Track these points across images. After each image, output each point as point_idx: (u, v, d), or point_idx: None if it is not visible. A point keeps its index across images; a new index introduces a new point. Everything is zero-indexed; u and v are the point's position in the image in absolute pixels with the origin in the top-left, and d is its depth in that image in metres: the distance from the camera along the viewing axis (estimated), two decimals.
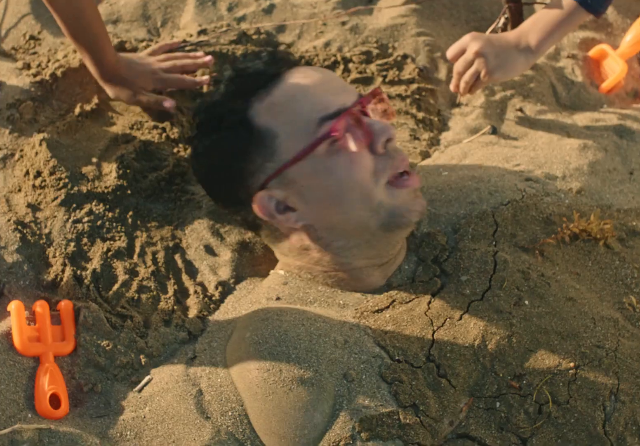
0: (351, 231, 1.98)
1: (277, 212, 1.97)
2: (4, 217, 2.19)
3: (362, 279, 2.04)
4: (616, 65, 2.71)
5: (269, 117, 1.94)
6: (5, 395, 1.90)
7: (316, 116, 1.91)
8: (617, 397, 1.86)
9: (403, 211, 1.95)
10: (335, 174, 1.92)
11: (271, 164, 1.94)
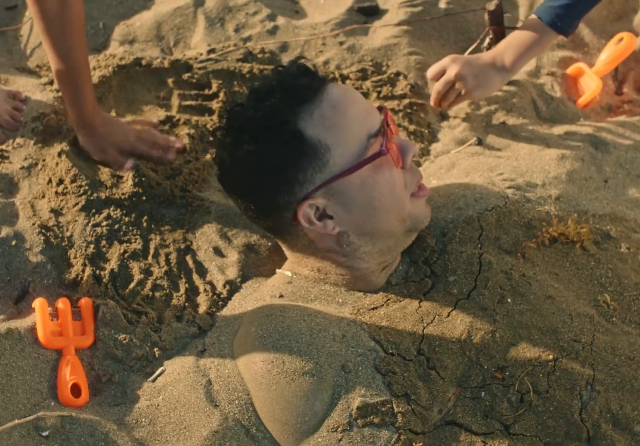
0: (380, 237, 1.99)
1: (316, 219, 1.94)
2: (29, 221, 2.20)
3: (370, 280, 2.04)
4: (592, 82, 2.71)
5: (321, 131, 1.89)
6: (30, 385, 1.91)
7: (365, 133, 1.90)
8: (593, 387, 1.86)
9: (421, 218, 2.01)
10: (378, 188, 1.92)
11: (320, 175, 1.90)
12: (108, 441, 1.84)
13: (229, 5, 2.84)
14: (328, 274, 2.05)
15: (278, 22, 2.82)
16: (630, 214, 2.32)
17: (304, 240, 2.01)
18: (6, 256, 2.12)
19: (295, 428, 1.83)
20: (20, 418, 1.83)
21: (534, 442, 1.81)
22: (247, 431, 1.86)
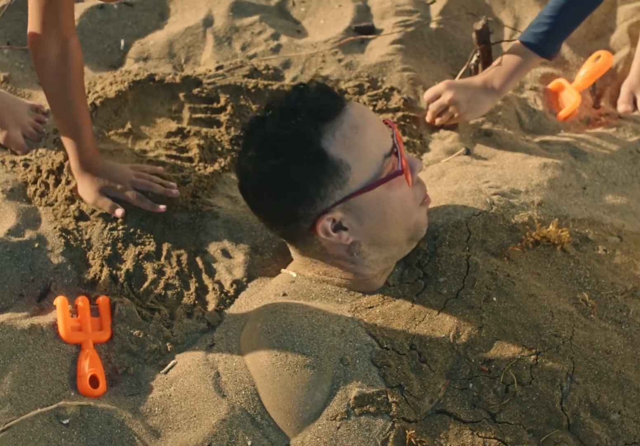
0: (387, 246, 2.00)
1: (332, 230, 1.94)
2: (50, 225, 2.20)
3: (372, 283, 2.04)
4: (572, 96, 2.71)
5: (342, 150, 1.87)
6: (51, 376, 1.92)
7: (381, 153, 1.90)
8: (573, 379, 1.86)
9: (422, 226, 2.01)
10: (391, 204, 1.92)
11: (340, 192, 1.89)
12: (124, 428, 1.85)
13: (235, 26, 2.84)
14: (333, 277, 2.05)
15: (281, 40, 2.82)
16: (607, 218, 2.32)
17: (317, 247, 2.01)
18: (29, 257, 2.13)
19: (297, 417, 1.84)
20: (42, 407, 1.84)
21: (518, 430, 1.81)
22: (253, 420, 1.86)
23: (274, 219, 2.02)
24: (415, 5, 2.94)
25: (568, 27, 2.51)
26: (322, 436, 1.80)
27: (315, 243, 1.99)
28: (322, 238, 1.95)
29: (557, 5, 2.47)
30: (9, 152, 2.40)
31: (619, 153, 2.57)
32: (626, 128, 2.66)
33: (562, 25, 2.48)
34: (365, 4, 2.96)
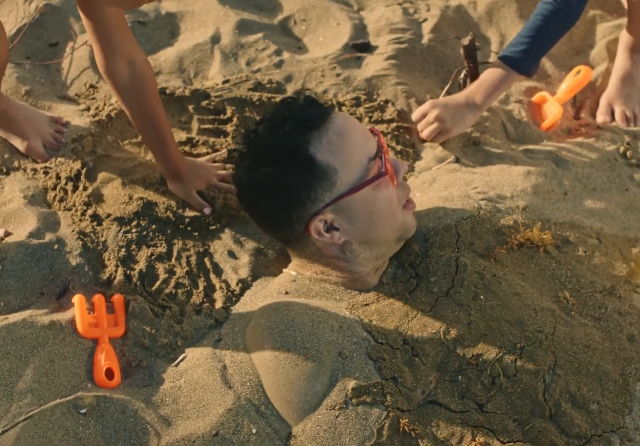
0: (377, 244, 2.00)
1: (325, 231, 1.95)
2: (69, 228, 2.20)
3: (366, 281, 2.04)
4: (554, 108, 2.71)
5: (329, 155, 1.89)
6: (70, 369, 1.92)
7: (365, 156, 1.91)
8: (554, 371, 1.87)
9: (409, 227, 2.02)
10: (378, 204, 1.93)
11: (329, 194, 1.91)
12: (137, 417, 1.85)
13: (241, 43, 2.84)
14: (329, 276, 2.05)
15: (283, 56, 2.82)
16: (587, 222, 2.32)
17: (312, 248, 2.01)
18: (49, 258, 2.13)
19: (298, 406, 1.84)
20: (61, 398, 1.84)
21: (503, 419, 1.82)
22: (257, 409, 1.86)
23: (270, 224, 2.03)
24: (408, 23, 2.94)
25: (544, 47, 2.52)
26: (322, 425, 1.80)
27: (311, 244, 2.00)
28: (316, 238, 1.96)
29: (534, 26, 2.48)
30: (30, 160, 2.40)
31: (598, 161, 2.56)
32: (604, 138, 2.66)
33: (538, 45, 2.49)
34: (362, 23, 2.96)
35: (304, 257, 2.07)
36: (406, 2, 3.04)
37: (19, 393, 1.84)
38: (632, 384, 1.89)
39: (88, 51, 2.78)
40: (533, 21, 2.49)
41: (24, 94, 2.60)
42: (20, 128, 2.40)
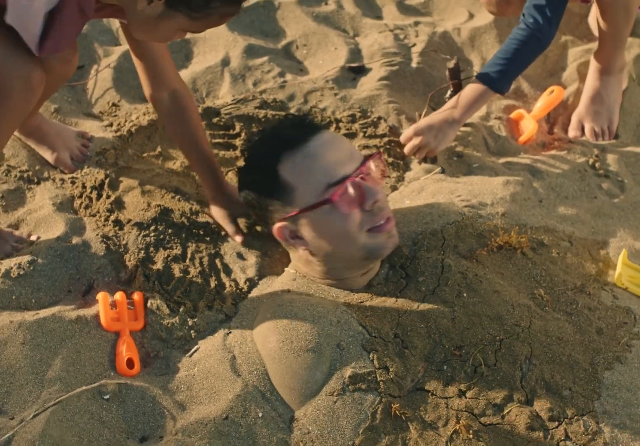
0: (339, 259, 1.99)
1: (290, 238, 1.98)
2: (94, 232, 2.20)
3: (349, 284, 2.04)
4: (530, 124, 2.71)
5: (292, 175, 1.92)
6: (94, 359, 1.93)
7: (324, 181, 1.90)
8: (530, 361, 1.87)
9: (379, 248, 1.95)
10: (332, 225, 1.93)
11: (289, 208, 1.94)
12: (155, 402, 1.85)
13: (248, 65, 2.83)
14: (315, 276, 2.06)
15: (286, 78, 2.81)
16: (560, 226, 2.32)
17: (293, 249, 2.05)
18: (76, 259, 2.13)
19: (300, 393, 1.84)
20: (87, 385, 1.84)
21: (484, 404, 1.82)
22: (263, 395, 1.86)
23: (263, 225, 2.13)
24: (398, 48, 2.94)
25: (518, 68, 2.52)
26: (322, 409, 1.81)
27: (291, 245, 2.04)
28: (284, 244, 2.02)
29: (509, 49, 2.47)
30: (58, 171, 2.40)
31: (570, 172, 2.55)
32: (575, 151, 2.65)
33: (513, 67, 2.49)
34: (357, 47, 2.95)
35: (295, 259, 2.09)
36: (397, 29, 3.04)
37: (48, 380, 1.84)
38: (600, 372, 1.89)
39: (111, 73, 2.78)
40: (508, 44, 2.49)
41: (53, 112, 2.60)
42: (50, 142, 2.40)
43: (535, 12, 2.44)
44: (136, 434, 1.82)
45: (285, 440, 1.81)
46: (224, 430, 1.80)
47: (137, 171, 2.41)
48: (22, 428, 1.73)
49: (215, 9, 1.79)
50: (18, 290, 2.03)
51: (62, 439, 1.73)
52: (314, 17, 3.06)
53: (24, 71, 1.90)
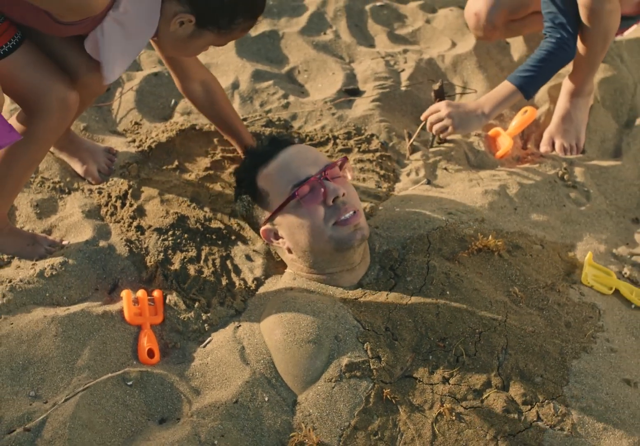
0: (315, 253, 1.99)
1: (274, 238, 2.02)
2: (118, 237, 2.21)
3: (336, 280, 2.03)
4: (506, 140, 2.70)
5: (265, 183, 2.02)
6: (119, 350, 1.93)
7: (290, 183, 1.96)
8: (506, 351, 1.87)
9: (345, 240, 1.95)
10: (300, 221, 1.95)
11: (266, 212, 2.01)
12: (173, 388, 1.86)
13: (255, 88, 2.82)
14: (303, 273, 2.06)
15: (289, 99, 2.81)
16: (532, 231, 2.32)
17: (281, 251, 2.08)
18: (102, 261, 2.14)
19: (302, 379, 1.84)
20: (112, 373, 1.85)
21: (465, 390, 1.82)
22: (269, 381, 1.86)
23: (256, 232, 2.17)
24: (389, 73, 2.93)
25: (546, 76, 2.51)
26: (321, 394, 1.81)
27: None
28: (270, 244, 2.07)
29: (539, 58, 2.47)
30: (86, 182, 2.40)
31: (541, 183, 2.54)
32: (546, 164, 2.64)
33: (541, 73, 2.48)
34: (352, 72, 2.95)
35: (288, 260, 2.09)
36: (388, 56, 3.03)
37: (78, 368, 1.85)
38: (568, 361, 1.89)
39: (133, 95, 2.77)
40: (539, 54, 2.48)
41: (82, 129, 2.60)
42: (81, 156, 2.40)
43: (560, 28, 2.46)
44: (156, 416, 1.83)
45: (289, 422, 1.81)
46: (234, 413, 1.80)
47: (156, 182, 2.41)
48: (54, 411, 1.74)
49: (238, 25, 1.87)
50: (51, 288, 2.03)
51: (90, 420, 1.74)
52: (313, 45, 3.06)
53: (62, 93, 1.92)
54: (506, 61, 3.09)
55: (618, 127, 2.89)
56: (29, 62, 1.87)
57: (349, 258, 2.00)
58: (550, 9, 2.49)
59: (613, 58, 3.01)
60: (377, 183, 2.51)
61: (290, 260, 2.07)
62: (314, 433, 1.78)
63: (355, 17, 3.23)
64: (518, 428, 1.77)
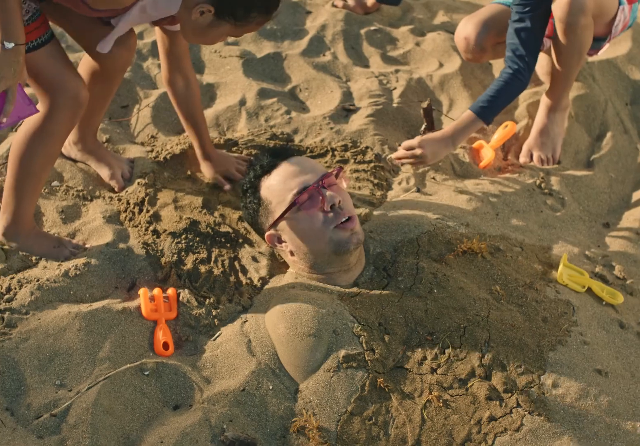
0: (315, 254, 1.99)
1: (277, 242, 2.02)
2: (136, 240, 2.20)
3: (334, 279, 2.02)
4: (488, 152, 2.69)
5: (267, 193, 2.01)
6: (137, 343, 1.93)
7: (289, 191, 1.96)
8: (488, 344, 1.87)
9: (343, 243, 1.95)
10: (302, 225, 1.96)
11: (270, 218, 2.00)
12: (186, 377, 1.85)
13: (261, 105, 2.82)
14: (304, 273, 2.05)
15: (292, 115, 2.80)
16: (512, 235, 2.31)
17: (284, 253, 2.07)
18: (122, 262, 2.14)
19: (303, 369, 1.84)
20: (130, 363, 1.85)
21: (451, 379, 1.82)
22: (273, 371, 1.87)
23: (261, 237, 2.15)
24: (382, 91, 2.92)
25: (502, 104, 2.51)
26: (320, 383, 1.81)
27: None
28: (274, 247, 2.06)
29: (496, 88, 2.48)
30: (107, 190, 2.40)
31: (520, 191, 2.53)
32: (525, 174, 2.63)
33: (498, 102, 2.48)
34: (349, 90, 2.94)
35: (290, 261, 2.09)
36: (381, 76, 3.03)
37: (99, 360, 1.85)
38: (545, 353, 1.90)
39: (150, 111, 2.77)
40: (496, 84, 2.49)
41: (104, 141, 2.61)
42: (108, 162, 2.41)
43: (517, 60, 2.47)
44: (170, 403, 1.83)
45: (291, 408, 1.81)
46: (241, 400, 1.81)
47: (171, 190, 2.41)
48: (78, 398, 1.75)
49: (254, 18, 1.87)
50: (75, 287, 2.03)
51: (111, 407, 1.75)
52: (314, 65, 3.06)
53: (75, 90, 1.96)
54: (489, 80, 3.09)
55: (590, 140, 2.89)
56: (51, 58, 1.93)
57: (346, 259, 2.00)
58: (514, 40, 2.49)
59: (586, 77, 3.02)
60: (371, 191, 2.51)
61: (292, 261, 2.07)
62: (314, 418, 1.78)
63: (351, 40, 3.23)
64: (499, 414, 1.78)
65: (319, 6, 3.36)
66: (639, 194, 2.72)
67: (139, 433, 1.75)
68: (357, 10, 3.32)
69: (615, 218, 2.64)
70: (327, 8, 3.33)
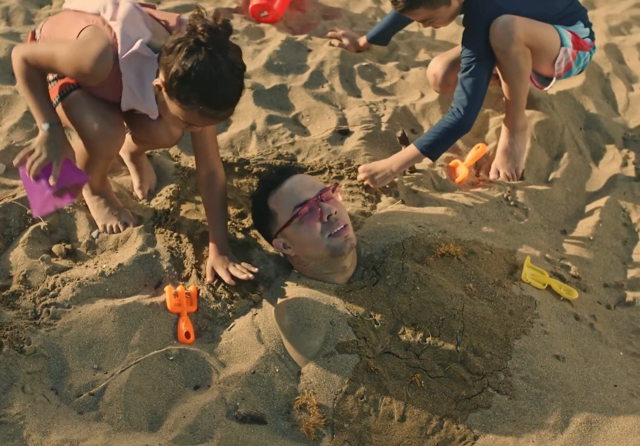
0: (315, 258, 1.98)
1: (283, 248, 2.00)
2: (162, 244, 2.18)
3: (331, 279, 2.01)
4: (463, 170, 2.69)
5: (274, 205, 1.99)
6: (163, 332, 1.93)
7: (292, 205, 1.95)
8: (463, 333, 1.88)
9: (339, 248, 1.93)
10: (303, 234, 1.94)
11: (277, 227, 1.98)
12: (205, 362, 1.86)
13: (269, 129, 2.82)
14: (307, 273, 2.05)
15: (295, 138, 2.80)
16: (483, 240, 2.30)
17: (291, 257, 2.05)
18: (150, 263, 2.12)
19: (304, 355, 1.84)
20: (157, 350, 1.85)
21: (432, 363, 1.82)
22: (279, 357, 1.87)
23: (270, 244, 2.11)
24: (372, 117, 2.91)
25: (445, 144, 2.46)
26: (319, 366, 1.82)
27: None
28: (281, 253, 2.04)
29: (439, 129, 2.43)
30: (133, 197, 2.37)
31: (490, 202, 2.53)
32: (494, 188, 2.62)
33: (441, 142, 2.44)
34: (344, 117, 2.93)
35: (294, 262, 2.08)
36: (371, 104, 3.03)
37: (131, 347, 1.85)
38: (511, 341, 1.90)
39: None
40: (440, 124, 2.44)
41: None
42: (142, 174, 2.39)
43: (459, 105, 2.43)
44: (191, 384, 1.83)
45: (295, 388, 1.82)
46: (252, 381, 1.81)
47: (192, 202, 2.40)
48: (113, 380, 1.75)
49: (194, 106, 1.64)
50: (110, 284, 2.03)
51: (141, 387, 1.75)
52: (314, 96, 3.07)
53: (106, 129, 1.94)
54: None
55: (550, 159, 2.89)
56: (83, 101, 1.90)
57: (341, 262, 2.00)
58: (459, 88, 2.45)
59: (546, 106, 3.04)
60: (363, 203, 2.50)
61: (295, 263, 2.07)
62: (314, 397, 1.79)
63: (346, 74, 3.25)
64: (472, 393, 1.79)
65: (319, 45, 3.38)
66: (591, 205, 2.72)
67: (164, 409, 1.76)
68: (351, 48, 3.35)
69: (571, 226, 2.64)
70: (325, 47, 3.35)
